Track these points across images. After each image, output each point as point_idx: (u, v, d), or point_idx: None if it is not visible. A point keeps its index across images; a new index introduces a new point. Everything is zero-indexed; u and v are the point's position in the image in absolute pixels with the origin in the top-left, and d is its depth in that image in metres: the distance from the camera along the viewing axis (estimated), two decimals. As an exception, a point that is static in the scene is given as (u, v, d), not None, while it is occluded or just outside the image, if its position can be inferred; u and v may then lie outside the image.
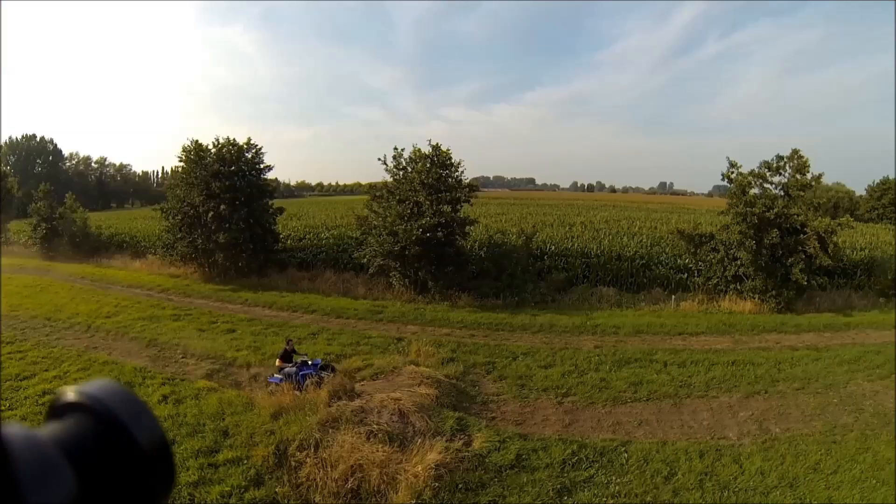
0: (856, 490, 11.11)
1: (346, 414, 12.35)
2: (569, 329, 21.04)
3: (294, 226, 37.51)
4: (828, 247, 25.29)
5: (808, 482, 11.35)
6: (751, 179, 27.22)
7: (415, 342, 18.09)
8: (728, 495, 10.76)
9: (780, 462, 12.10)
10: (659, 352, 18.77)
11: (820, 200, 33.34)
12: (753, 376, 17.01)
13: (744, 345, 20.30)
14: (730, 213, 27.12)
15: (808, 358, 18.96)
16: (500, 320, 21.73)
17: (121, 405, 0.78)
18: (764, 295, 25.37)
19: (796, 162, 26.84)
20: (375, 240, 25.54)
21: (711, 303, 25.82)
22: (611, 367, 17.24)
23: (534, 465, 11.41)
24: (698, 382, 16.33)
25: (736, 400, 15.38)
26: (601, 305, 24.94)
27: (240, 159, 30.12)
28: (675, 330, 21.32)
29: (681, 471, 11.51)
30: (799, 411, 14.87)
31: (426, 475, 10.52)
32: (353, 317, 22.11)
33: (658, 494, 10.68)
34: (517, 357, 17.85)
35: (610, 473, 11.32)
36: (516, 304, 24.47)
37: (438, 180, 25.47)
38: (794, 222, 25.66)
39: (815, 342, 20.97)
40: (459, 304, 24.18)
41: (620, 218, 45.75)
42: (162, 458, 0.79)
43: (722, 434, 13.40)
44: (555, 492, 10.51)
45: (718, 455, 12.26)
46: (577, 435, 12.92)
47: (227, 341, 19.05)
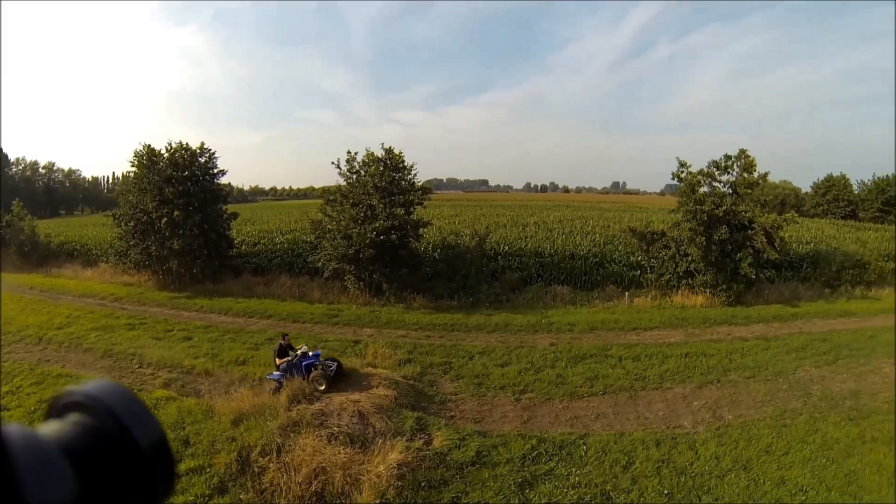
0: (806, 469, 11.75)
1: (306, 417, 12.40)
2: (524, 328, 21.42)
3: (248, 231, 37.07)
4: (774, 241, 26.59)
5: (760, 464, 11.94)
6: (700, 178, 28.13)
7: (371, 345, 18.19)
8: (685, 480, 11.20)
9: (734, 446, 12.66)
10: (614, 347, 19.29)
11: (766, 198, 34.75)
12: (706, 367, 17.72)
13: (696, 337, 21.09)
14: (680, 211, 28.06)
15: (758, 347, 19.88)
16: (455, 321, 21.99)
17: (121, 405, 0.80)
18: (714, 289, 26.44)
19: (743, 161, 28.03)
20: (330, 244, 25.55)
21: (664, 298, 26.64)
22: (566, 363, 17.63)
23: (494, 460, 11.65)
24: (653, 375, 16.89)
25: (690, 390, 16.00)
26: (556, 304, 25.42)
27: (193, 164, 29.73)
28: (629, 325, 21.95)
29: (638, 459, 11.92)
30: (750, 398, 15.57)
31: (389, 475, 10.66)
32: (310, 321, 22.10)
33: (617, 483, 11.04)
34: (473, 356, 18.12)
35: (570, 465, 11.64)
36: (471, 304, 24.79)
37: (391, 183, 25.67)
38: (742, 219, 26.73)
39: (765, 332, 21.99)
40: (414, 305, 24.40)
41: (574, 218, 46.65)
42: (162, 458, 0.82)
43: (677, 423, 13.91)
44: (516, 485, 10.76)
45: (674, 443, 12.74)
46: (535, 430, 13.22)
47: (184, 349, 18.82)
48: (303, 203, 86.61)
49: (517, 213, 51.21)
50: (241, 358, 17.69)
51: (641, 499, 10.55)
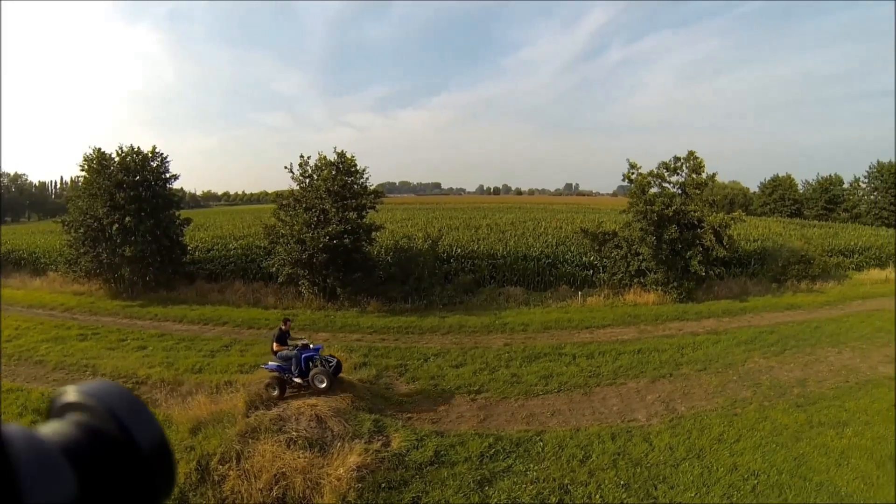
0: (757, 455, 12.31)
1: (264, 423, 12.37)
2: (478, 329, 21.74)
3: (201, 237, 36.42)
4: (723, 239, 27.61)
5: (713, 452, 12.44)
6: (650, 179, 29.02)
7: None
8: (641, 471, 11.56)
9: (687, 436, 13.13)
10: (567, 345, 19.77)
11: (715, 197, 35.99)
12: (658, 362, 18.36)
13: (648, 334, 21.79)
14: (631, 211, 28.81)
15: (709, 341, 20.69)
16: (409, 323, 22.17)
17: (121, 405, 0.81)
18: (666, 286, 27.37)
19: (692, 162, 29.09)
20: (283, 248, 25.44)
21: (617, 297, 27.41)
22: (521, 362, 17.98)
23: (452, 459, 11.81)
24: (606, 371, 17.36)
25: (643, 385, 16.50)
26: (509, 305, 25.81)
27: (144, 168, 29.09)
28: (582, 324, 22.49)
29: (595, 453, 12.23)
30: (702, 390, 16.19)
31: (349, 477, 10.73)
32: (265, 327, 21.93)
33: (575, 476, 11.31)
34: (428, 358, 18.31)
35: (527, 461, 11.88)
36: (425, 306, 25.02)
37: (344, 187, 25.73)
38: (692, 218, 27.73)
39: (715, 327, 22.93)
40: (369, 309, 24.50)
41: (526, 219, 47.70)
42: (162, 458, 0.82)
43: (632, 417, 14.33)
44: (475, 483, 10.93)
45: (629, 436, 13.12)
46: (492, 429, 13.43)
47: (139, 359, 18.47)
48: (256, 208, 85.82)
49: (470, 216, 51.94)
50: (198, 366, 17.50)
51: (599, 490, 10.83)
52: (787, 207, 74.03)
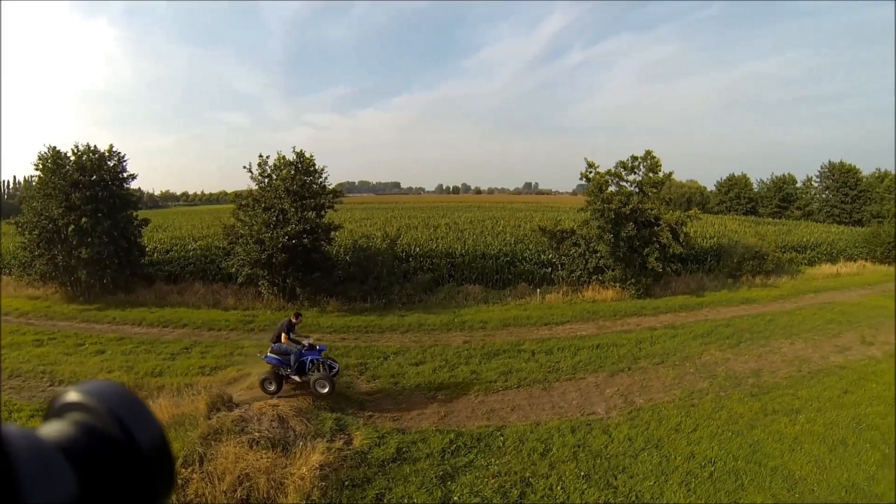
0: (714, 443, 12.74)
1: (226, 424, 12.27)
2: (437, 327, 21.91)
3: (160, 238, 35.67)
4: (679, 236, 28.46)
5: (671, 441, 12.81)
6: (608, 178, 29.50)
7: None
8: (601, 462, 11.81)
9: (646, 428, 13.47)
10: (526, 342, 20.06)
11: (672, 196, 36.87)
12: (617, 356, 18.81)
13: (607, 329, 22.27)
14: (588, 209, 29.35)
15: (666, 336, 21.30)
16: (369, 322, 22.23)
17: (121, 405, 0.82)
18: (624, 283, 27.96)
19: (649, 162, 29.81)
20: (243, 249, 25.20)
21: (575, 294, 27.87)
22: (480, 359, 18.18)
23: (414, 456, 11.90)
24: (566, 367, 17.67)
25: (602, 379, 16.87)
26: (468, 303, 26.04)
27: (101, 168, 28.35)
28: (541, 321, 22.87)
29: (555, 446, 12.45)
30: (660, 383, 16.65)
31: (312, 476, 10.73)
32: (225, 328, 21.74)
33: (536, 469, 11.50)
34: (388, 357, 18.37)
35: (489, 456, 12.03)
36: (384, 305, 25.11)
37: (303, 187, 25.64)
38: (649, 216, 28.40)
39: (672, 321, 23.59)
40: (328, 309, 24.48)
41: (485, 218, 48.15)
42: (162, 458, 0.83)
43: (591, 410, 14.62)
44: (437, 478, 11.02)
45: (589, 429, 13.38)
46: (453, 425, 13.56)
47: (98, 363, 18.07)
48: (215, 208, 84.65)
49: (428, 215, 52.32)
50: (158, 369, 17.24)
51: (560, 482, 11.03)
52: (742, 205, 76.11)
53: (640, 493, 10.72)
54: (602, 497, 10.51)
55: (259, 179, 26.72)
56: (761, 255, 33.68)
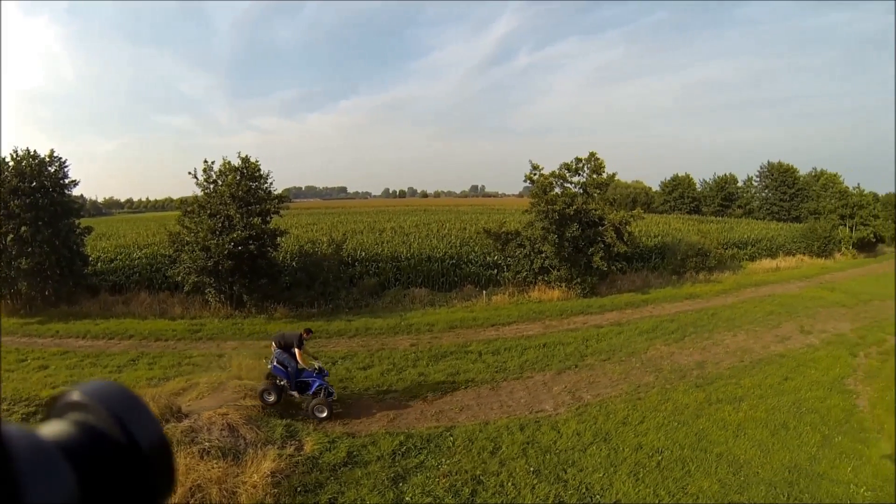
0: (661, 433, 13.22)
1: (176, 435, 12.09)
2: (384, 330, 21.99)
3: (104, 246, 34.61)
4: (623, 236, 29.25)
5: (619, 434, 13.20)
6: (552, 180, 30.16)
7: (236, 357, 17.84)
8: (550, 457, 12.08)
9: (594, 422, 13.84)
10: (473, 343, 20.33)
11: (616, 196, 37.79)
12: (564, 354, 19.24)
13: (554, 328, 22.73)
14: (533, 211, 29.92)
15: (612, 333, 21.90)
16: (316, 328, 21.83)
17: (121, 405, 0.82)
18: (570, 283, 28.55)
19: (593, 163, 30.60)
20: (189, 256, 24.76)
21: (522, 294, 28.30)
22: (428, 361, 18.33)
23: (365, 459, 11.95)
24: (513, 366, 17.98)
25: (549, 377, 17.21)
26: (415, 306, 26.18)
27: (41, 173, 27.33)
28: (487, 322, 23.17)
29: (505, 444, 12.67)
30: (607, 378, 17.10)
31: (264, 483, 10.69)
32: (173, 338, 21.32)
33: (486, 467, 11.69)
34: (336, 361, 18.35)
35: (439, 456, 12.16)
36: (331, 310, 25.11)
37: (248, 192, 25.38)
38: (593, 216, 29.19)
39: (618, 319, 24.25)
40: (276, 315, 24.29)
41: (431, 221, 48.84)
42: (162, 458, 0.83)
43: (539, 408, 14.91)
44: (389, 480, 11.11)
45: (538, 426, 13.66)
46: (402, 427, 13.65)
47: (41, 379, 17.45)
48: (161, 215, 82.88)
49: (374, 219, 52.69)
50: None
51: (510, 479, 11.23)
52: (686, 205, 79.05)
53: (589, 485, 11.01)
54: (552, 491, 10.74)
55: (204, 185, 26.36)
56: (704, 252, 35.03)
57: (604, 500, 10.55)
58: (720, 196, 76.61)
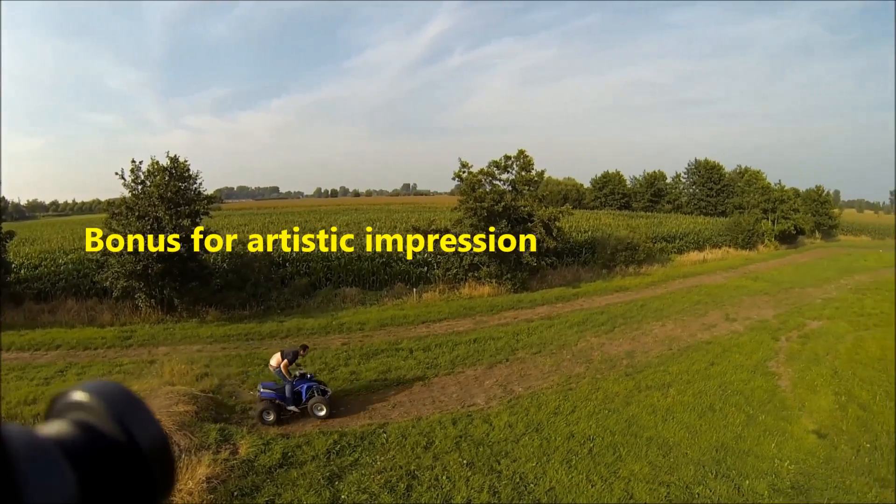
0: (592, 421, 13.70)
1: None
2: (316, 330, 21.88)
3: (27, 252, 32.90)
4: (552, 231, 29.75)
5: (550, 424, 13.58)
6: (481, 178, 30.46)
7: (168, 363, 17.49)
8: (483, 449, 12.31)
9: (525, 414, 14.18)
10: (404, 340, 20.43)
11: (548, 193, 38.45)
12: (495, 349, 19.61)
13: (484, 324, 23.07)
14: (462, 208, 30.11)
15: (543, 326, 22.40)
16: (248, 330, 21.90)
17: (121, 405, 0.82)
18: (500, 278, 28.99)
19: (522, 160, 31.15)
20: (117, 260, 23.98)
21: (452, 291, 28.53)
22: (359, 360, 18.34)
23: (300, 459, 11.92)
24: (444, 362, 18.20)
25: (481, 371, 17.53)
26: (346, 305, 26.09)
27: None
28: (418, 319, 23.36)
29: (437, 439, 12.84)
30: (538, 371, 17.52)
31: (199, 490, 10.52)
32: (102, 346, 20.59)
33: (420, 462, 11.83)
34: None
35: (373, 453, 12.24)
36: (263, 312, 24.81)
37: (177, 193, 24.71)
38: (522, 213, 29.66)
39: (549, 313, 24.83)
40: (208, 318, 23.75)
41: (362, 220, 49.27)
42: (162, 458, 0.83)
43: (471, 402, 15.15)
44: (325, 479, 11.12)
45: (470, 419, 13.89)
46: (336, 426, 13.66)
47: None
48: (88, 218, 79.91)
49: (306, 219, 52.73)
50: (31, 396, 16.04)
51: (445, 472, 11.40)
52: (617, 201, 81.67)
53: (523, 474, 11.29)
54: (487, 482, 10.95)
55: (132, 186, 25.54)
56: (633, 247, 36.22)
57: (538, 488, 10.83)
58: (650, 192, 79.62)
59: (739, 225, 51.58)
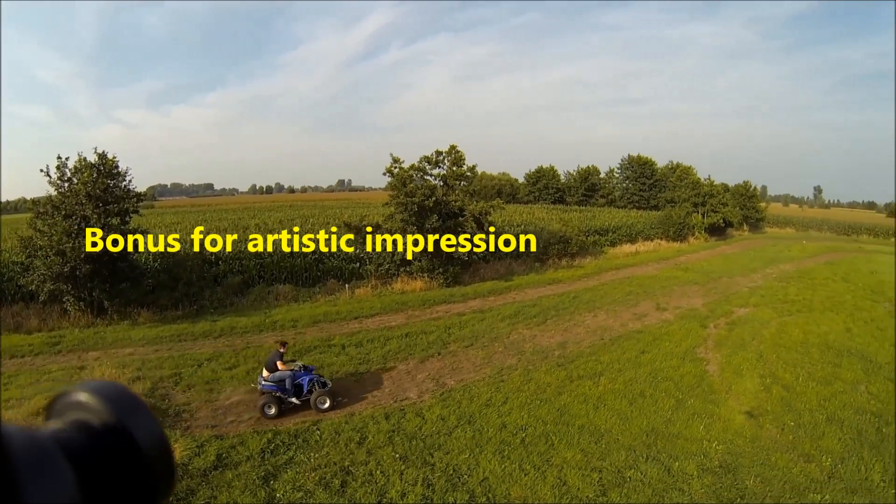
0: (524, 412, 14.01)
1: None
2: (249, 329, 21.71)
3: None
4: (484, 225, 30.12)
5: (483, 416, 13.83)
6: (412, 173, 30.62)
7: (98, 368, 17.07)
8: (416, 443, 12.45)
9: (458, 406, 14.42)
10: (336, 336, 20.42)
11: (482, 188, 38.84)
12: (426, 343, 19.81)
13: (416, 318, 23.26)
14: (393, 203, 30.20)
15: (475, 319, 22.75)
16: (181, 331, 21.47)
17: (121, 405, 0.83)
18: (432, 273, 29.27)
19: (454, 156, 31.45)
20: (43, 262, 22.95)
21: (385, 286, 28.63)
22: (293, 357, 18.09)
23: (235, 460, 11.81)
24: (376, 357, 18.31)
25: (413, 365, 17.71)
26: (279, 303, 25.93)
27: None
28: (350, 315, 23.32)
29: (371, 434, 12.93)
30: (470, 363, 17.80)
31: (133, 497, 10.34)
32: (29, 353, 19.69)
33: (354, 458, 11.88)
34: (202, 364, 17.91)
35: (308, 451, 12.25)
36: (196, 312, 24.34)
37: (106, 191, 23.88)
38: (453, 207, 29.92)
39: (481, 306, 25.18)
40: (140, 320, 23.07)
41: (295, 217, 49.27)
42: (162, 458, 0.84)
43: (404, 396, 15.30)
44: (260, 479, 11.06)
45: (403, 413, 14.03)
46: (270, 425, 13.60)
47: None
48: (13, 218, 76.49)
49: (240, 217, 52.55)
50: None
51: (378, 467, 11.49)
52: (551, 195, 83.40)
53: (456, 466, 11.49)
54: (420, 475, 11.09)
55: (58, 184, 24.59)
56: (566, 240, 37.00)
57: (471, 479, 11.01)
58: (583, 187, 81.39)
59: (671, 218, 53.39)
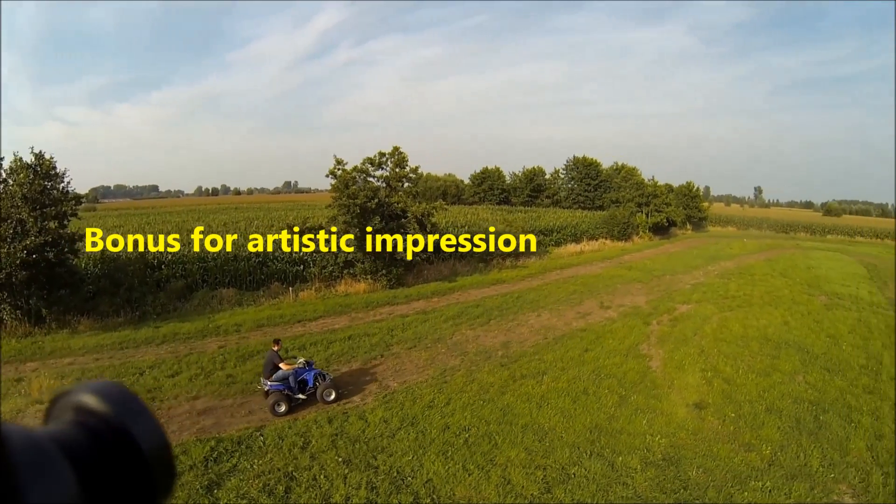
0: (467, 412, 14.24)
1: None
2: (192, 335, 21.44)
3: None
4: (426, 227, 30.36)
5: (425, 417, 14.01)
6: (355, 175, 30.70)
7: (36, 379, 16.59)
8: (359, 446, 12.53)
9: (400, 408, 14.54)
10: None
11: (424, 189, 39.01)
12: (369, 345, 19.90)
13: (360, 320, 23.31)
14: (335, 205, 30.15)
15: (418, 321, 22.96)
16: (123, 338, 21.04)
17: (121, 405, 0.83)
18: (375, 275, 29.42)
19: (397, 157, 31.74)
20: None
21: (329, 289, 28.66)
22: (236, 362, 18.11)
23: (177, 470, 11.63)
24: (319, 361, 18.12)
25: (355, 368, 17.80)
26: (223, 307, 25.70)
27: None
28: (294, 318, 23.30)
29: (314, 438, 12.97)
30: (413, 365, 17.99)
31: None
32: None
33: (298, 463, 11.89)
34: (144, 371, 17.58)
35: (251, 457, 12.18)
36: (138, 318, 23.74)
37: (42, 193, 23.14)
38: (396, 209, 30.16)
39: (424, 308, 25.43)
40: (80, 328, 22.35)
41: (240, 219, 48.87)
42: (162, 458, 0.85)
43: (347, 399, 15.33)
44: (203, 488, 10.95)
45: (346, 417, 14.09)
46: (213, 432, 13.45)
47: None
48: None
49: (184, 219, 51.84)
50: None
51: (322, 471, 11.52)
52: (496, 196, 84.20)
53: (400, 468, 11.61)
54: (364, 478, 11.17)
55: None
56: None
57: (415, 481, 11.15)
58: (529, 187, 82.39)
59: (615, 218, 54.62)
